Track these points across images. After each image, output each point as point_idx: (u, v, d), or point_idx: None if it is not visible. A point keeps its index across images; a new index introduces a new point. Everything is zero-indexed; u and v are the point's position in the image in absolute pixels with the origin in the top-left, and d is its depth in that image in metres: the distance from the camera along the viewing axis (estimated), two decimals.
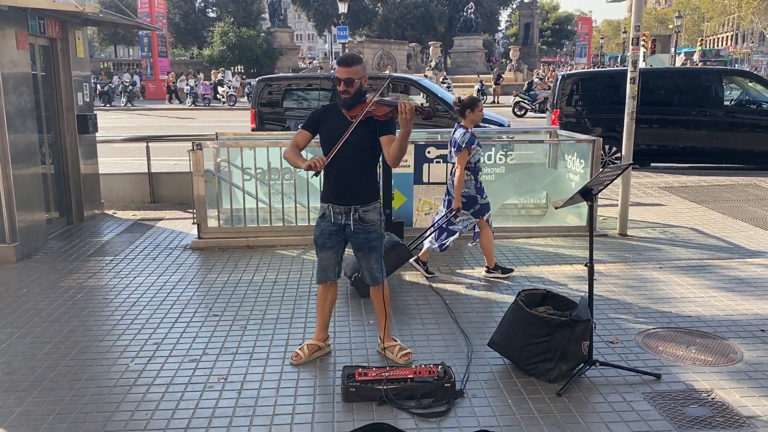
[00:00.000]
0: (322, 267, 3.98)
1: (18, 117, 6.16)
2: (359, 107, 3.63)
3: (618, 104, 8.23)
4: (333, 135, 3.68)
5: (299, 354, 4.01)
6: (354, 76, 3.65)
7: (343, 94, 3.67)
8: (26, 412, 3.45)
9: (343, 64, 3.68)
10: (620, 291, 5.23)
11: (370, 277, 3.96)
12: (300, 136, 3.84)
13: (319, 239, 3.92)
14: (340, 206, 3.80)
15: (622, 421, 3.34)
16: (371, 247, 3.86)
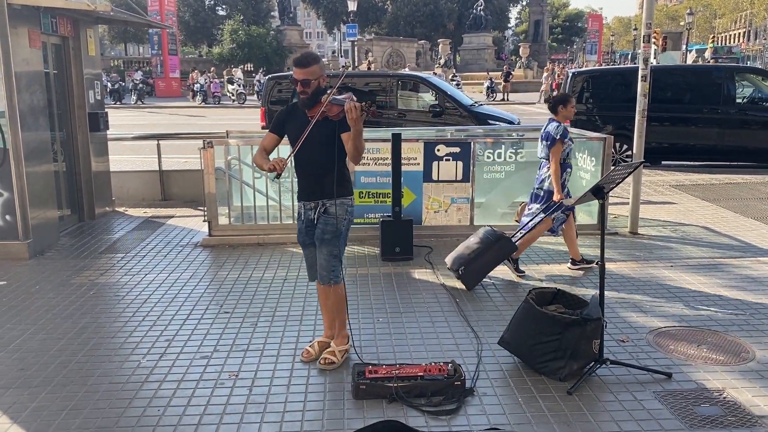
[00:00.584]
0: (308, 265, 4.07)
1: (31, 115, 6.21)
2: (318, 107, 3.67)
3: (629, 102, 8.19)
4: (297, 135, 3.72)
5: (309, 351, 4.03)
6: (311, 76, 3.68)
7: (301, 94, 3.71)
8: (39, 408, 3.48)
9: (299, 65, 3.70)
10: (631, 289, 5.21)
11: (318, 273, 3.94)
12: (267, 139, 3.89)
13: (299, 238, 4.01)
14: (310, 202, 3.86)
15: (633, 419, 3.33)
16: (323, 240, 3.84)
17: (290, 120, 3.84)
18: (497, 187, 7.14)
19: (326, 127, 3.69)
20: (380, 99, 11.42)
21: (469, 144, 6.75)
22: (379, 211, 6.70)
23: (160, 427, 3.29)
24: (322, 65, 3.77)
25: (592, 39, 58.89)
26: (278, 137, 3.88)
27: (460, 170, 6.72)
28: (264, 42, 47.93)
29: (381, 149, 6.71)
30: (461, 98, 11.74)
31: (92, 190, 7.79)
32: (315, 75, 3.68)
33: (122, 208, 8.44)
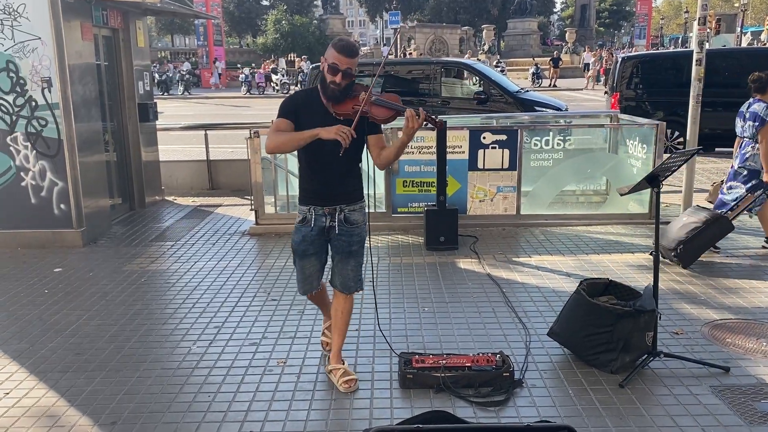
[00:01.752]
0: (305, 276, 3.59)
1: (83, 106, 6.36)
2: (349, 103, 3.23)
3: (680, 87, 7.96)
4: (313, 126, 3.22)
5: (324, 341, 3.94)
6: (354, 68, 3.24)
7: (332, 85, 3.21)
8: (95, 392, 3.58)
9: (349, 53, 3.21)
10: (686, 281, 5.06)
11: (341, 284, 3.57)
12: (283, 125, 3.30)
13: (300, 246, 3.51)
14: (324, 207, 3.43)
15: (689, 414, 3.23)
16: (350, 252, 3.51)
17: (305, 110, 3.33)
18: (545, 176, 7.01)
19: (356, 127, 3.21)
20: (423, 87, 11.35)
21: (516, 131, 6.64)
22: (424, 200, 6.66)
23: (211, 413, 3.34)
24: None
25: (641, 23, 57.29)
26: (293, 123, 3.30)
27: (507, 158, 6.62)
28: (307, 31, 48.19)
29: (425, 138, 6.65)
30: (507, 84, 11.58)
31: (142, 180, 7.96)
32: (355, 70, 3.26)
33: (171, 197, 8.60)
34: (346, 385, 3.53)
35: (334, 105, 3.26)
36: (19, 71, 6.03)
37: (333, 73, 3.22)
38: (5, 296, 5.06)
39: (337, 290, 3.63)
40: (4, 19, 5.94)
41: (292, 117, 3.31)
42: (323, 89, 3.29)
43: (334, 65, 3.21)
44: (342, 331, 3.69)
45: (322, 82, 3.28)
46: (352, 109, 3.21)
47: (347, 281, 3.59)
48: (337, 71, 3.21)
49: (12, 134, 6.16)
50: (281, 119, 3.32)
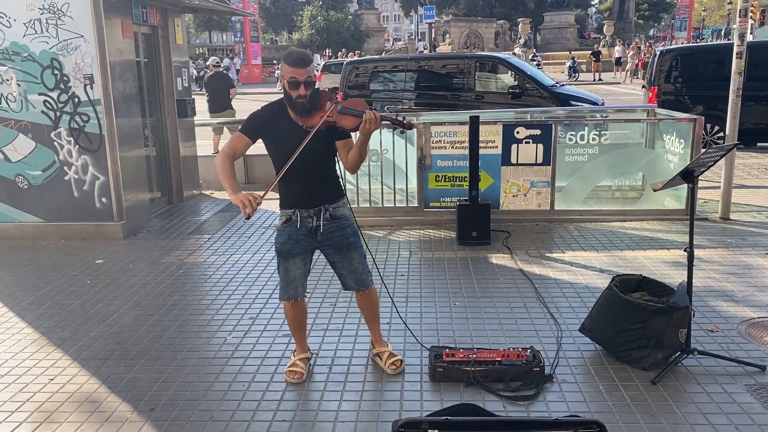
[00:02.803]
0: (290, 279, 3.48)
1: (124, 102, 6.53)
2: (317, 114, 3.24)
3: (721, 80, 7.79)
4: (284, 144, 3.26)
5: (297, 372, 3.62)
6: (312, 76, 3.25)
7: (299, 99, 3.21)
8: (134, 380, 3.69)
9: (301, 63, 3.20)
10: (722, 278, 4.98)
11: (355, 281, 3.54)
12: (240, 142, 3.32)
13: (285, 246, 3.43)
14: (309, 209, 3.43)
15: (722, 413, 3.20)
16: (350, 244, 3.48)
17: (273, 125, 3.32)
18: (579, 171, 6.95)
19: (324, 136, 3.28)
20: (457, 81, 11.32)
21: (550, 126, 6.60)
22: (456, 195, 6.67)
23: (245, 402, 3.43)
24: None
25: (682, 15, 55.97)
26: (252, 142, 3.35)
27: (541, 153, 6.59)
28: (342, 27, 48.40)
29: (458, 132, 6.66)
30: (542, 79, 11.48)
31: (180, 174, 8.13)
32: (313, 75, 3.28)
33: (209, 191, 8.77)
34: (393, 367, 3.63)
35: (304, 118, 3.27)
36: (62, 68, 6.22)
37: (295, 87, 3.21)
38: (50, 286, 5.24)
39: (355, 291, 3.64)
40: (48, 18, 6.14)
41: (252, 134, 3.33)
42: (291, 106, 3.28)
43: (293, 80, 3.21)
44: (377, 319, 3.78)
45: (288, 99, 3.27)
46: (320, 119, 3.24)
47: (359, 275, 3.56)
48: (298, 84, 3.21)
49: (56, 130, 6.36)
50: (240, 135, 3.34)
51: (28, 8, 6.13)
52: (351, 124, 3.26)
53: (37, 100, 6.30)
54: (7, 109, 6.36)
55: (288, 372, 3.66)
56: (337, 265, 3.57)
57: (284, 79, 3.26)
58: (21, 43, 6.20)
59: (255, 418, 3.28)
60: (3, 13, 6.17)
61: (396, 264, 5.51)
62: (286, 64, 3.24)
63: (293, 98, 3.24)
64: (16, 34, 6.20)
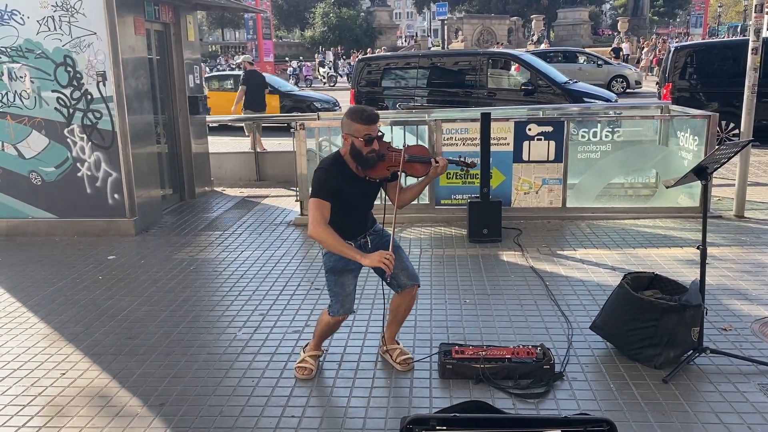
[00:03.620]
0: (347, 294, 3.49)
1: (136, 99, 6.56)
2: (381, 165, 3.30)
3: (736, 77, 7.69)
4: (354, 197, 3.34)
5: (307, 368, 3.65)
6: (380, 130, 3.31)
7: (370, 154, 3.25)
8: (145, 374, 3.71)
9: (374, 120, 3.25)
10: (735, 276, 4.93)
11: (408, 276, 3.54)
12: (326, 207, 3.26)
13: (339, 263, 3.44)
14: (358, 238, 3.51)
15: (735, 412, 3.16)
16: (397, 246, 3.50)
17: (342, 183, 3.31)
18: (592, 168, 6.90)
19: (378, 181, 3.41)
20: (470, 78, 11.28)
21: (562, 123, 6.55)
22: (467, 192, 6.65)
23: (254, 397, 3.43)
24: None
25: (697, 11, 55.42)
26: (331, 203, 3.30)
27: (553, 150, 6.55)
28: (354, 24, 48.37)
29: (469, 129, 6.63)
30: (554, 75, 11.41)
31: (192, 171, 8.16)
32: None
33: (220, 188, 8.80)
34: (405, 364, 3.65)
35: (368, 170, 3.32)
36: (75, 66, 6.26)
37: (369, 143, 3.24)
38: (63, 282, 5.29)
39: (405, 289, 3.58)
40: (62, 16, 6.18)
41: (331, 196, 3.27)
42: (359, 161, 3.28)
43: (368, 137, 3.23)
44: (401, 323, 3.77)
45: (357, 156, 3.27)
46: (387, 170, 3.33)
47: (411, 271, 3.58)
48: (372, 140, 3.24)
49: (69, 126, 6.40)
50: (325, 204, 3.26)
51: (42, 5, 6.17)
52: (422, 171, 3.36)
53: (51, 97, 6.35)
54: (21, 106, 6.41)
55: (297, 368, 3.67)
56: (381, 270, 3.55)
57: (354, 137, 3.24)
58: (34, 40, 6.25)
59: (264, 413, 3.28)
60: (16, 11, 6.22)
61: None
62: (358, 123, 3.24)
63: (364, 154, 3.26)
64: (29, 32, 6.24)
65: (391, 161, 3.31)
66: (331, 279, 3.52)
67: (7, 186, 6.61)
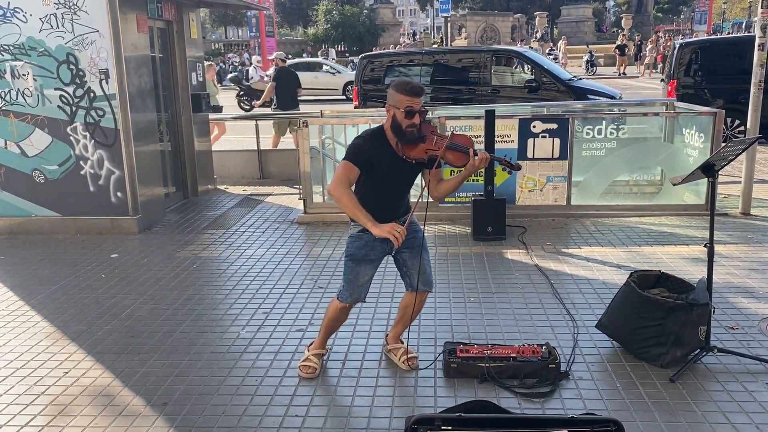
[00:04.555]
0: (359, 284, 3.48)
1: (139, 97, 6.54)
2: (421, 146, 3.24)
3: (742, 74, 7.65)
4: (389, 175, 3.29)
5: (311, 367, 3.64)
6: (425, 107, 3.25)
7: (410, 128, 3.19)
8: (148, 373, 3.70)
9: (419, 93, 3.21)
10: (742, 274, 4.89)
11: (423, 281, 3.54)
12: (353, 172, 3.24)
13: (361, 251, 3.43)
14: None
15: (743, 411, 3.13)
16: (423, 247, 3.52)
17: (378, 156, 3.28)
18: (597, 165, 6.86)
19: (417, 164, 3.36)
20: (473, 75, 11.24)
21: (567, 120, 6.52)
22: (471, 190, 6.61)
23: (258, 396, 3.41)
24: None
25: (702, 8, 55.19)
26: (360, 172, 3.27)
27: (557, 147, 6.51)
28: (357, 21, 48.31)
29: (473, 127, 6.60)
30: (559, 72, 11.37)
31: (195, 169, 8.14)
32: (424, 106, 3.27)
33: (223, 186, 8.78)
34: (410, 362, 3.63)
35: (407, 148, 3.26)
36: (78, 63, 6.24)
37: (411, 116, 3.18)
38: (65, 280, 5.27)
39: (418, 292, 3.58)
40: (64, 13, 6.16)
41: (362, 164, 3.24)
42: (399, 134, 3.23)
43: (410, 109, 3.18)
44: (407, 324, 3.73)
45: (397, 129, 3.22)
46: (425, 153, 3.25)
47: (428, 276, 3.58)
48: (414, 113, 3.18)
49: (72, 124, 6.39)
50: (350, 165, 3.24)
51: (44, 3, 6.15)
52: (460, 161, 3.26)
53: (53, 95, 6.33)
54: (24, 104, 6.39)
55: (301, 366, 3.65)
56: (408, 264, 3.54)
57: (397, 109, 3.20)
58: (37, 38, 6.23)
59: (268, 412, 3.26)
60: (19, 8, 6.20)
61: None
62: (401, 93, 3.20)
63: (404, 127, 3.20)
64: (32, 29, 6.22)
65: (432, 144, 3.23)
66: (348, 265, 3.49)
67: (10, 184, 6.60)
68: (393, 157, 3.31)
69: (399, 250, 3.48)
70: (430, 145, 3.24)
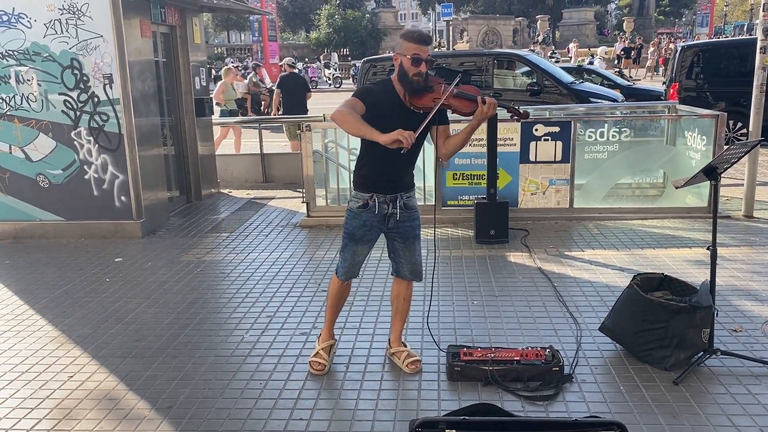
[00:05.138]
0: (354, 263, 3.55)
1: (142, 102, 6.56)
2: (428, 95, 3.23)
3: (744, 76, 7.65)
4: (391, 121, 3.12)
5: (321, 363, 3.68)
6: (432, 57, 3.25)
7: (416, 76, 3.19)
8: (153, 377, 3.71)
9: (427, 41, 3.23)
10: (745, 276, 4.89)
11: (411, 271, 3.59)
12: (358, 104, 3.22)
13: (359, 231, 3.47)
14: (386, 195, 3.43)
15: (747, 414, 3.13)
16: (416, 236, 3.55)
17: (383, 101, 3.27)
18: (599, 168, 6.87)
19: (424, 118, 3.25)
20: (475, 78, 11.25)
21: (569, 123, 6.53)
22: (473, 193, 6.62)
23: (262, 400, 3.42)
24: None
25: (703, 10, 55.21)
26: (365, 108, 3.22)
27: (560, 150, 6.52)
28: (359, 26, 48.40)
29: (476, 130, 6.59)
30: (560, 76, 11.38)
31: (199, 173, 8.17)
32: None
33: (226, 190, 8.81)
34: (413, 366, 3.64)
35: (414, 98, 3.25)
36: (82, 68, 6.27)
37: (417, 64, 3.19)
38: (70, 284, 5.29)
39: (404, 279, 3.67)
40: (68, 19, 6.19)
41: (369, 104, 3.22)
42: (405, 83, 3.24)
43: (416, 56, 3.19)
44: (404, 317, 3.79)
45: (403, 77, 3.24)
46: (432, 102, 3.22)
47: (417, 267, 3.62)
48: (420, 61, 3.19)
49: (76, 129, 6.41)
50: (358, 100, 3.24)
51: (49, 8, 6.18)
52: (467, 108, 3.24)
53: (58, 99, 6.36)
54: (28, 109, 6.42)
55: (312, 362, 3.71)
56: (398, 252, 3.59)
57: (404, 56, 3.22)
58: (41, 43, 6.26)
59: (272, 416, 3.27)
60: (24, 14, 6.23)
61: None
62: (409, 41, 3.23)
63: (410, 75, 3.21)
64: (36, 35, 6.26)
65: (439, 93, 3.22)
66: (346, 243, 3.56)
67: (15, 189, 6.63)
68: (399, 108, 3.29)
69: (392, 237, 3.55)
70: (437, 94, 3.21)
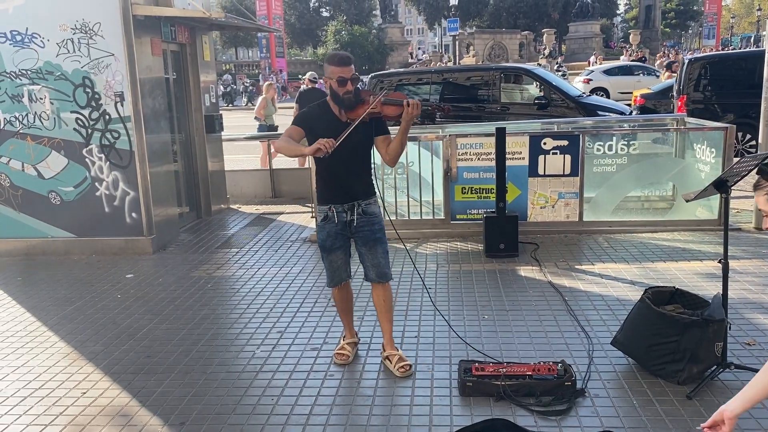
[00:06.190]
0: (334, 269, 3.86)
1: (153, 119, 6.63)
2: (360, 108, 3.52)
3: (752, 88, 7.65)
4: (329, 137, 3.39)
5: (344, 354, 3.99)
6: (357, 74, 3.59)
7: (346, 94, 3.53)
8: (165, 393, 3.72)
9: (346, 63, 3.56)
10: (758, 289, 4.87)
11: (376, 273, 3.79)
12: (295, 131, 3.62)
13: (327, 242, 3.80)
14: (343, 204, 3.71)
15: (762, 429, 3.11)
16: (376, 239, 3.75)
17: (320, 119, 3.63)
18: (608, 181, 6.87)
19: (363, 130, 3.56)
20: (482, 93, 11.30)
21: (577, 136, 6.54)
22: (482, 207, 6.63)
23: (274, 416, 3.42)
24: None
25: (710, 22, 55.27)
26: (304, 133, 3.63)
27: (568, 164, 6.53)
28: (366, 41, 48.68)
29: (484, 144, 6.63)
30: (568, 89, 11.41)
31: (209, 189, 8.22)
32: (357, 73, 3.62)
33: (236, 206, 8.85)
34: (402, 370, 3.76)
35: (349, 112, 3.56)
36: (94, 86, 6.35)
37: (343, 84, 3.53)
38: (81, 301, 5.32)
39: (374, 283, 3.86)
40: (81, 38, 6.27)
41: (306, 128, 3.63)
42: (338, 102, 3.58)
43: (341, 78, 3.53)
44: (389, 318, 3.94)
45: (335, 97, 3.58)
46: (364, 111, 3.51)
47: (381, 268, 3.80)
48: (345, 81, 3.53)
49: (87, 146, 6.48)
50: (294, 127, 3.66)
51: (61, 28, 6.27)
52: (394, 112, 3.52)
53: (69, 117, 6.44)
54: (41, 127, 6.50)
55: (336, 354, 4.00)
56: (363, 256, 3.83)
57: (331, 80, 3.57)
58: (54, 62, 6.35)
59: None
60: (37, 34, 6.33)
61: (423, 277, 5.48)
62: (332, 65, 3.57)
63: (340, 95, 3.55)
64: (49, 54, 6.34)
65: (369, 104, 3.52)
66: (322, 254, 3.90)
67: (27, 206, 6.69)
68: (335, 124, 3.56)
69: (356, 243, 3.82)
70: (367, 106, 3.51)
